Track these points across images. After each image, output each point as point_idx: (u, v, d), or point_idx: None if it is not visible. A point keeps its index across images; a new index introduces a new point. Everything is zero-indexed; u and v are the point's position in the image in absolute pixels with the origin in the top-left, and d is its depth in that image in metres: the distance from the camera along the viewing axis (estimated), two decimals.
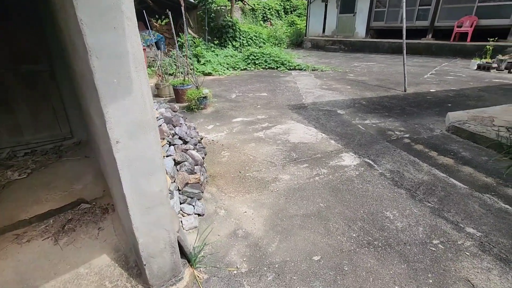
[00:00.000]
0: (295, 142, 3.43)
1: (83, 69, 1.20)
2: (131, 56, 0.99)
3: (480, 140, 3.18)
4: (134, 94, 1.04)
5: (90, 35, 0.90)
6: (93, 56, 0.92)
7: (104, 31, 0.92)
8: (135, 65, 1.01)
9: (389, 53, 11.93)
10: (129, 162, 1.12)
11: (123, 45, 0.96)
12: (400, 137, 3.51)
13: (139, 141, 1.12)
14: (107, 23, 0.92)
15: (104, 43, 0.93)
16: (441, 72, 7.66)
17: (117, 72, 0.99)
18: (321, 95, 5.55)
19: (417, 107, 4.67)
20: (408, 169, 2.76)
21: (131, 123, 1.07)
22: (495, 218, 2.06)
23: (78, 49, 1.12)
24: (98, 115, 1.14)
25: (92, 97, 1.15)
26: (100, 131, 1.28)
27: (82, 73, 1.34)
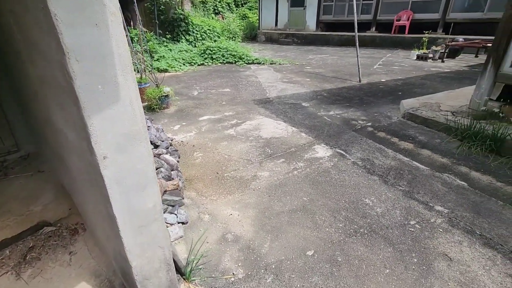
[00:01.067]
0: (267, 138, 3.42)
1: (48, 74, 1.01)
2: (116, 57, 0.85)
3: (432, 124, 3.52)
4: (122, 101, 0.90)
5: (67, 34, 0.74)
6: (72, 59, 0.77)
7: (85, 29, 0.77)
8: (122, 68, 0.88)
9: (339, 46, 12.57)
10: (119, 179, 0.98)
11: (107, 44, 0.82)
12: (364, 126, 3.72)
13: (129, 154, 0.98)
14: (88, 19, 0.77)
15: (85, 42, 0.78)
16: (387, 62, 8.30)
17: (101, 77, 0.84)
18: (284, 89, 5.62)
19: (373, 97, 5.00)
20: (376, 156, 2.94)
21: (119, 135, 0.93)
22: (456, 194, 2.30)
23: (42, 51, 0.93)
24: (75, 128, 0.97)
25: (64, 107, 0.98)
26: (74, 145, 1.10)
27: (43, 79, 1.14)
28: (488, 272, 1.61)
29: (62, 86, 0.89)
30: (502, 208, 2.13)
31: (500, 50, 3.11)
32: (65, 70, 0.79)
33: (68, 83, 0.82)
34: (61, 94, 0.96)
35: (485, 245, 1.80)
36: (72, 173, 1.44)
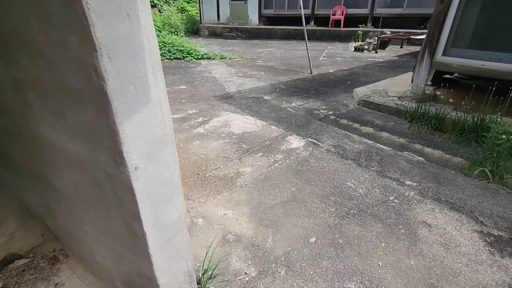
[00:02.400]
0: (239, 133, 3.39)
1: (44, 78, 0.83)
2: (147, 52, 0.75)
3: (384, 109, 3.91)
4: (152, 103, 0.80)
5: (100, 26, 0.62)
6: (104, 56, 0.65)
7: (116, 20, 0.65)
8: (152, 65, 0.77)
9: (282, 39, 12.98)
10: (149, 191, 0.87)
11: (138, 38, 0.71)
12: (326, 115, 3.95)
13: (158, 162, 0.88)
14: (119, 8, 0.65)
15: (117, 36, 0.67)
16: (330, 54, 8.89)
17: (133, 76, 0.73)
18: (241, 83, 5.60)
19: (327, 87, 5.32)
20: (345, 142, 3.15)
21: (149, 142, 0.83)
22: (418, 169, 2.62)
23: (38, 49, 0.76)
24: (87, 138, 0.83)
25: (70, 115, 0.82)
26: (77, 158, 0.94)
27: (27, 84, 0.93)
28: (460, 231, 1.89)
29: (76, 90, 0.75)
30: (455, 176, 2.50)
31: (434, 42, 3.59)
32: (94, 70, 0.66)
33: (92, 86, 0.69)
34: (67, 100, 0.80)
35: (451, 209, 2.10)
36: (57, 192, 1.22)
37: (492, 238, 1.83)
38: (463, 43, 3.50)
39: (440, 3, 3.43)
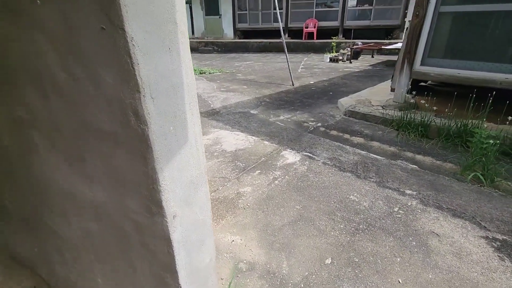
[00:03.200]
0: (232, 151, 3.30)
1: (63, 119, 0.72)
2: (185, 88, 0.67)
3: (370, 118, 4.02)
4: (189, 141, 0.72)
5: (144, 64, 0.54)
6: (147, 97, 0.56)
7: (159, 56, 0.58)
8: (190, 101, 0.70)
9: (258, 52, 13.19)
10: (185, 239, 0.77)
11: (178, 73, 0.64)
12: (316, 127, 3.98)
13: (193, 206, 0.79)
14: (162, 42, 0.58)
15: (159, 74, 0.59)
16: (307, 66, 9.13)
17: (173, 115, 0.65)
18: (226, 98, 5.55)
19: (311, 98, 5.40)
20: (339, 153, 3.17)
21: (186, 185, 0.74)
22: (415, 177, 2.68)
23: (56, 89, 0.66)
24: (112, 184, 0.72)
25: (89, 160, 0.71)
26: (94, 205, 0.82)
27: (36, 126, 0.80)
28: (467, 239, 1.92)
29: (105, 132, 0.65)
30: (450, 182, 2.58)
31: (412, 53, 3.77)
32: (134, 113, 0.57)
33: (129, 129, 0.60)
34: (89, 143, 0.70)
35: (454, 216, 2.14)
36: (61, 241, 1.07)
37: (498, 243, 1.88)
38: (439, 53, 3.72)
39: (415, 17, 3.63)
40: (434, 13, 3.52)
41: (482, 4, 3.29)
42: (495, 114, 3.18)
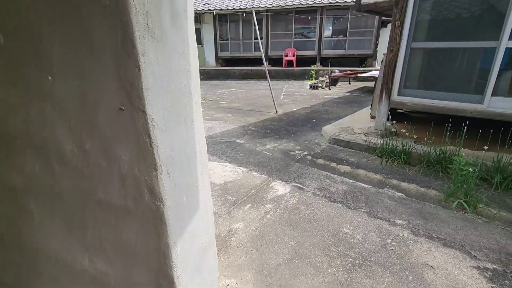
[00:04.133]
0: (221, 183, 3.25)
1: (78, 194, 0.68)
2: (198, 155, 0.66)
3: (354, 146, 4.14)
4: (200, 209, 0.69)
5: (162, 142, 0.53)
6: (164, 174, 0.55)
7: (176, 130, 0.57)
8: (201, 167, 0.68)
9: (240, 79, 13.51)
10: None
11: (192, 142, 0.63)
12: (303, 156, 4.03)
13: (202, 273, 0.75)
14: (178, 115, 0.57)
15: (176, 148, 0.58)
16: (289, 93, 9.42)
17: (186, 185, 0.63)
18: (211, 127, 5.55)
19: (295, 126, 5.52)
20: (328, 183, 3.21)
21: (197, 253, 0.70)
22: (402, 206, 2.74)
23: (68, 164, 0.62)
24: (122, 257, 0.67)
25: (116, 230, 0.67)
26: (98, 276, 0.76)
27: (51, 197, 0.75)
28: (460, 270, 1.95)
29: (115, 206, 0.61)
30: (436, 210, 2.66)
31: (389, 84, 4.01)
32: (149, 190, 0.55)
33: (142, 204, 0.58)
34: (94, 214, 0.66)
35: (445, 246, 2.18)
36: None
37: (490, 272, 1.92)
38: (413, 84, 3.98)
39: (390, 51, 3.90)
40: (407, 48, 3.81)
41: (447, 42, 3.61)
42: (470, 141, 3.39)
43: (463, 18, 3.57)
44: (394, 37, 3.81)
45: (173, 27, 0.56)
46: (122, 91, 0.47)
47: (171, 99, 0.52)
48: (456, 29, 3.59)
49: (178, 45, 0.57)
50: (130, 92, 0.47)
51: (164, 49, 0.53)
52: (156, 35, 0.53)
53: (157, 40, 0.53)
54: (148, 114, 0.48)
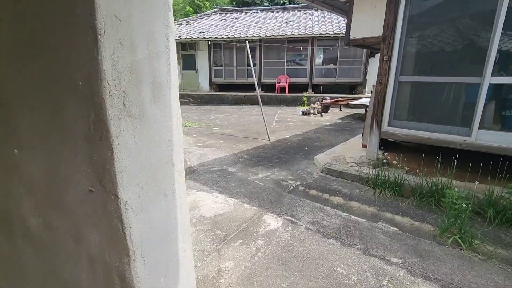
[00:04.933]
0: (211, 216, 3.14)
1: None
2: (180, 226, 0.61)
3: (347, 176, 4.12)
4: (181, 281, 0.63)
5: (136, 224, 0.48)
6: (138, 260, 0.49)
7: (154, 207, 0.52)
8: (183, 239, 0.63)
9: (233, 104, 13.68)
10: None
11: (172, 218, 0.58)
12: (295, 186, 3.98)
13: None
14: (157, 190, 0.53)
15: (153, 227, 0.53)
16: (281, 119, 9.52)
17: (165, 265, 0.57)
18: (202, 154, 5.49)
19: (287, 154, 5.51)
20: (321, 217, 3.13)
21: None
22: (397, 242, 2.66)
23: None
24: None
25: None
26: None
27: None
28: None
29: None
30: (432, 247, 2.59)
31: (380, 115, 4.08)
32: (120, 277, 0.49)
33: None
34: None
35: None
36: None
37: None
38: (403, 115, 4.05)
39: (379, 84, 4.01)
40: (395, 81, 3.92)
41: (433, 76, 3.74)
42: (461, 172, 3.40)
43: (447, 54, 3.73)
44: (382, 70, 3.93)
45: (155, 101, 0.54)
46: (93, 173, 0.43)
47: (150, 174, 0.48)
48: (441, 64, 3.73)
49: (159, 117, 0.55)
50: (102, 175, 0.42)
51: (143, 125, 0.50)
52: (134, 113, 0.51)
53: (135, 118, 0.50)
54: (121, 198, 0.43)
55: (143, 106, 0.53)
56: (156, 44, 0.56)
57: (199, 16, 17.45)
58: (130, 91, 0.50)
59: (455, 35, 3.63)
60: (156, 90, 0.54)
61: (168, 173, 0.54)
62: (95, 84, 0.45)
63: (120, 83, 0.48)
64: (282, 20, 14.75)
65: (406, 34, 3.79)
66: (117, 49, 0.49)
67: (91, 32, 0.46)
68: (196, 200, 3.53)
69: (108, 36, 0.47)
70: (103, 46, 0.47)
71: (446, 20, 3.64)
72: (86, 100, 0.46)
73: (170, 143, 0.54)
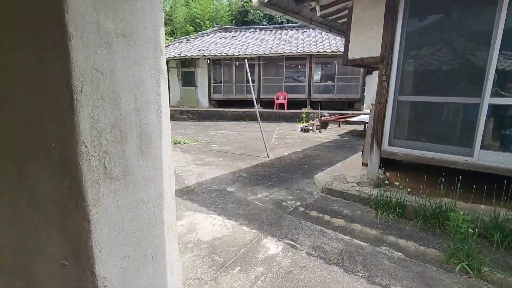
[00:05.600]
0: (209, 240, 3.03)
1: None
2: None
3: (348, 197, 4.03)
4: None
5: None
6: None
7: (139, 275, 0.46)
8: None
9: (232, 120, 13.71)
10: None
11: (162, 282, 0.51)
12: (295, 207, 3.88)
13: None
14: (143, 254, 0.46)
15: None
16: (280, 135, 9.50)
17: None
18: (201, 173, 5.40)
19: (286, 172, 5.43)
20: (323, 240, 3.02)
21: None
22: (403, 269, 2.55)
23: None
24: None
25: None
26: None
27: None
28: None
29: None
30: (439, 274, 2.48)
31: (379, 134, 4.05)
32: None
33: None
34: None
35: None
36: None
37: None
38: (403, 135, 4.02)
39: (378, 103, 4.00)
40: (394, 101, 3.92)
41: (432, 96, 3.74)
42: (465, 193, 3.32)
43: (445, 74, 3.75)
44: (381, 90, 3.94)
45: (142, 156, 0.50)
46: (67, 245, 0.37)
47: (135, 240, 0.42)
48: (440, 83, 3.74)
49: (148, 173, 0.50)
50: (77, 248, 0.37)
51: (127, 185, 0.45)
52: (116, 174, 0.46)
53: (118, 179, 0.45)
54: (98, 274, 0.37)
55: (128, 164, 0.48)
56: (145, 93, 0.51)
57: (199, 35, 17.82)
58: (113, 150, 0.45)
59: (452, 55, 3.66)
60: (144, 143, 0.49)
61: (157, 233, 0.48)
62: (70, 148, 0.41)
63: (101, 143, 0.43)
64: (280, 39, 15.06)
65: (404, 54, 3.83)
66: (98, 105, 0.44)
67: (66, 90, 0.42)
68: (194, 223, 3.42)
69: (86, 93, 0.43)
70: (80, 105, 0.42)
71: (443, 41, 3.68)
72: (60, 165, 0.41)
73: (159, 198, 0.48)
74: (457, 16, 3.64)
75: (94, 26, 0.43)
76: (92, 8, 0.43)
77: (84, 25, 0.41)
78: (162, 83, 0.58)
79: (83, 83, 0.43)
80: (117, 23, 0.47)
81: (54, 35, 0.40)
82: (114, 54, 0.48)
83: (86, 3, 0.42)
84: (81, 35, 0.41)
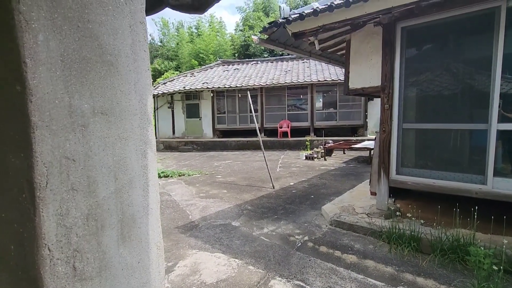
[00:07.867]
0: (213, 283, 2.85)
1: None
2: None
3: (358, 229, 3.84)
4: None
5: None
6: None
7: None
8: None
9: (237, 150, 13.73)
10: None
11: None
12: (303, 242, 3.69)
13: None
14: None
15: None
16: (285, 164, 9.41)
17: None
18: (205, 207, 5.27)
19: (293, 204, 5.27)
20: (335, 280, 2.82)
21: None
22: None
23: None
24: None
25: None
26: None
27: None
28: None
29: None
30: None
31: (386, 163, 3.96)
32: None
33: None
34: None
35: None
36: None
37: None
38: (410, 163, 3.92)
39: (383, 132, 3.96)
40: (399, 129, 3.88)
41: (437, 123, 3.69)
42: (483, 223, 3.14)
43: (450, 100, 3.73)
44: (385, 118, 3.91)
45: (124, 242, 0.44)
46: None
47: None
48: (444, 110, 3.71)
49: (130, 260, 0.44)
50: None
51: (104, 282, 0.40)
52: (89, 273, 0.40)
53: (91, 279, 0.40)
54: None
55: (106, 257, 0.42)
56: (128, 171, 0.47)
57: (203, 68, 18.50)
58: (86, 246, 0.40)
59: (454, 81, 3.66)
60: (126, 228, 0.45)
61: None
62: (31, 253, 0.36)
63: (70, 241, 0.39)
64: (281, 69, 15.52)
65: (404, 82, 3.85)
66: (67, 198, 0.40)
67: (27, 188, 0.38)
68: (197, 263, 3.25)
69: (53, 188, 0.39)
70: (43, 203, 0.38)
71: (442, 67, 3.71)
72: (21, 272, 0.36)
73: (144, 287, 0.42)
74: (455, 44, 3.69)
75: (65, 110, 0.40)
76: (63, 91, 0.40)
77: (53, 111, 0.38)
78: (149, 154, 0.54)
79: (49, 177, 0.39)
80: (94, 101, 0.44)
81: (15, 127, 0.37)
82: (91, 136, 0.44)
83: (56, 86, 0.39)
84: (48, 123, 0.38)
